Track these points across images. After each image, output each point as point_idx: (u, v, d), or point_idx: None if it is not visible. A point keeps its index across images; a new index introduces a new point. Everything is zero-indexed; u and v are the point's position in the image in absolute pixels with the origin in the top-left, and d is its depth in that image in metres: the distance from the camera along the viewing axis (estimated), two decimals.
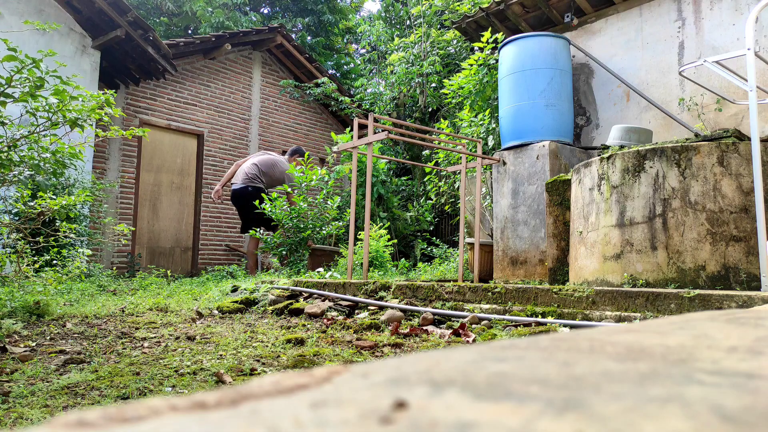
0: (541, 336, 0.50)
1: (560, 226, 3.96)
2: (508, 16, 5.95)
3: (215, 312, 3.15)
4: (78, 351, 2.01)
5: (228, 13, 14.12)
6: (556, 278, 3.95)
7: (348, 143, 4.32)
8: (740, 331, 0.56)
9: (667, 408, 0.27)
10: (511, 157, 5.07)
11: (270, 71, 10.22)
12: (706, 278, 2.79)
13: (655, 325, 0.60)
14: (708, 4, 4.86)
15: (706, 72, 4.62)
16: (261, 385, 0.32)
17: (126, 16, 6.83)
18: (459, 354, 0.40)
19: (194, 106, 9.01)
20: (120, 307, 3.27)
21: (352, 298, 3.38)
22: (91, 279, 5.62)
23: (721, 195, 2.86)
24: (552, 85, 4.99)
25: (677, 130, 4.93)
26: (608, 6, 5.50)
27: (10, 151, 2.82)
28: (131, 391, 1.40)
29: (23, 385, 1.50)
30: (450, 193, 7.00)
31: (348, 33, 16.47)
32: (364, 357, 1.88)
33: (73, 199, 3.16)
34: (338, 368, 0.36)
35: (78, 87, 2.87)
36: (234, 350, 1.97)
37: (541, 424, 0.24)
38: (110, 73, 7.70)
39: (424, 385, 0.31)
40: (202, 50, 8.96)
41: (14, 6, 6.30)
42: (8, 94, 2.65)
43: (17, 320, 2.57)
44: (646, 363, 0.38)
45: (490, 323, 2.69)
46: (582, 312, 2.70)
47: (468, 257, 5.44)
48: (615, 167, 3.22)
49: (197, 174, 9.06)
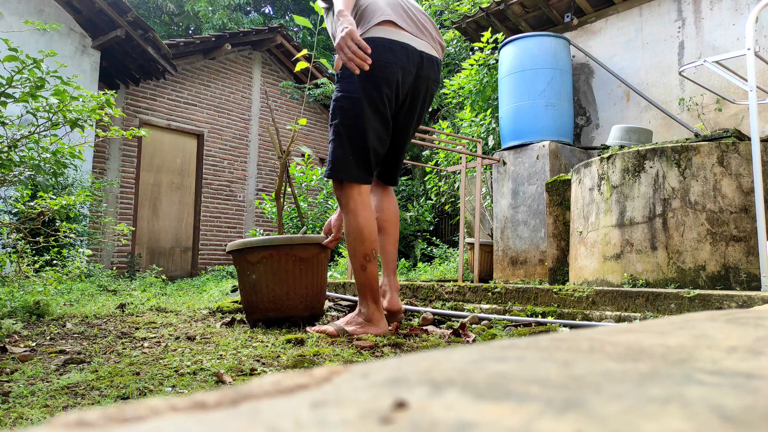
0: (541, 336, 0.50)
1: (560, 226, 3.96)
2: (508, 16, 5.95)
3: (215, 312, 3.16)
4: (78, 351, 2.01)
5: (230, 13, 14.12)
6: (556, 278, 3.95)
7: None
8: (740, 331, 0.56)
9: (667, 408, 0.27)
10: (511, 157, 5.08)
11: (270, 71, 10.22)
12: (706, 278, 2.79)
13: (655, 325, 0.60)
14: (708, 4, 4.86)
15: (706, 72, 4.62)
16: (261, 385, 0.32)
17: (126, 16, 6.84)
18: (459, 354, 0.40)
19: (194, 106, 9.01)
20: (120, 307, 3.27)
21: (352, 298, 3.38)
22: (91, 279, 5.62)
23: (721, 195, 2.86)
24: (552, 85, 4.99)
25: (677, 130, 4.93)
26: (608, 6, 5.50)
27: (10, 151, 2.82)
28: (131, 391, 1.40)
29: (23, 385, 1.50)
30: (450, 193, 7.00)
31: None
32: (364, 357, 1.88)
33: (73, 199, 3.16)
34: (338, 368, 0.36)
35: (78, 87, 2.88)
36: (234, 350, 1.97)
37: (541, 424, 0.24)
38: (110, 73, 7.70)
39: (424, 385, 0.31)
40: (202, 50, 8.96)
41: (14, 6, 6.30)
42: (9, 94, 2.65)
43: (17, 320, 2.58)
44: (646, 363, 0.38)
45: (490, 323, 2.69)
46: (582, 312, 2.70)
47: (468, 257, 5.44)
48: (615, 167, 3.22)
49: (197, 174, 9.06)
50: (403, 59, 2.15)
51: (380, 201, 2.54)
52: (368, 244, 2.22)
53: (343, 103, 2.18)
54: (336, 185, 2.27)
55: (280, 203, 3.06)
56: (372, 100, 2.14)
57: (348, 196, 2.22)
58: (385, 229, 2.53)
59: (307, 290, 2.60)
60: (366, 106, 2.14)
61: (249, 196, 9.62)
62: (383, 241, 2.53)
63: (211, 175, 9.15)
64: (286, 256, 2.54)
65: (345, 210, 2.24)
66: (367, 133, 2.17)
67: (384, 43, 2.12)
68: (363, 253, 2.22)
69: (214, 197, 9.16)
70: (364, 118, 2.14)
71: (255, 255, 2.56)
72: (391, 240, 2.53)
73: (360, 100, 2.13)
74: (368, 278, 2.25)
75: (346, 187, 2.22)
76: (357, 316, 2.33)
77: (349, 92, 2.16)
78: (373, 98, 2.14)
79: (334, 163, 2.21)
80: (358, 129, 2.16)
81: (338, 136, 2.19)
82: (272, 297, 2.54)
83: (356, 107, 2.14)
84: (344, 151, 2.18)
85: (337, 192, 2.27)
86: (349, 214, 2.22)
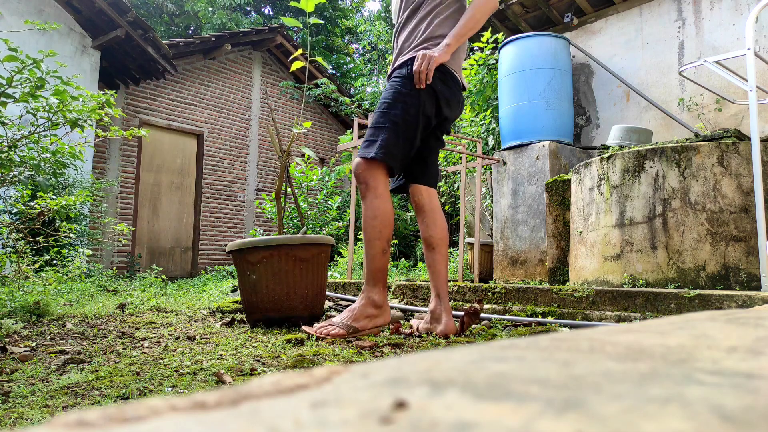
0: (541, 336, 0.50)
1: (560, 226, 3.96)
2: (508, 16, 5.95)
3: (215, 312, 3.16)
4: (78, 351, 2.01)
5: (230, 14, 14.12)
6: (556, 278, 3.95)
7: (348, 143, 4.32)
8: (740, 331, 0.56)
9: (667, 408, 0.27)
10: (511, 157, 5.08)
11: (270, 71, 10.22)
12: (706, 278, 2.79)
13: (655, 325, 0.60)
14: (708, 4, 4.86)
15: (706, 72, 4.62)
16: (261, 385, 0.32)
17: (126, 16, 6.83)
18: (459, 354, 0.40)
19: (194, 106, 9.01)
20: (120, 307, 3.27)
21: (353, 298, 3.38)
22: (91, 279, 5.62)
23: (721, 195, 2.86)
24: (552, 85, 4.99)
25: (677, 130, 4.93)
26: (608, 6, 5.50)
27: (10, 151, 2.82)
28: (131, 391, 1.40)
29: (23, 385, 1.50)
30: (450, 193, 7.00)
31: (348, 33, 16.47)
32: (364, 357, 1.88)
33: (73, 199, 3.16)
34: (338, 368, 0.36)
35: (78, 87, 2.87)
36: (234, 350, 1.97)
37: (541, 424, 0.24)
38: (110, 73, 7.70)
39: (424, 385, 0.31)
40: (202, 50, 8.96)
41: (14, 6, 6.30)
42: (9, 94, 2.65)
43: (17, 320, 2.58)
44: (646, 363, 0.38)
45: (490, 323, 2.69)
46: (582, 312, 2.70)
47: (468, 257, 5.44)
48: (615, 167, 3.22)
49: (197, 174, 9.06)
50: (458, 93, 2.47)
51: (432, 216, 2.48)
52: (391, 229, 2.31)
53: (406, 99, 2.33)
54: (367, 169, 2.30)
55: (280, 203, 3.06)
56: (425, 109, 2.35)
57: (380, 181, 2.30)
58: (438, 248, 2.43)
59: (307, 290, 2.60)
60: (420, 111, 2.35)
61: (249, 196, 9.62)
62: (436, 261, 2.43)
63: (211, 175, 9.15)
64: (286, 257, 2.54)
65: (373, 194, 2.30)
66: (416, 132, 2.35)
67: (455, 84, 2.45)
68: (387, 237, 2.29)
69: (214, 197, 9.16)
70: (419, 119, 2.34)
71: (255, 255, 2.56)
72: (443, 260, 2.44)
73: (420, 104, 2.33)
74: (386, 263, 2.31)
75: (380, 174, 2.30)
76: (365, 306, 2.28)
77: (411, 91, 2.34)
78: (426, 108, 2.35)
79: (387, 148, 2.27)
80: (412, 125, 2.33)
81: (395, 125, 2.30)
82: (272, 297, 2.54)
83: (417, 106, 2.33)
84: (397, 140, 2.29)
85: (367, 177, 2.31)
86: (378, 198, 2.29)
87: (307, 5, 2.72)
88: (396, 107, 2.31)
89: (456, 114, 2.49)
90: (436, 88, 2.32)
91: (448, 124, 2.53)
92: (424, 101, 2.32)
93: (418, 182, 2.51)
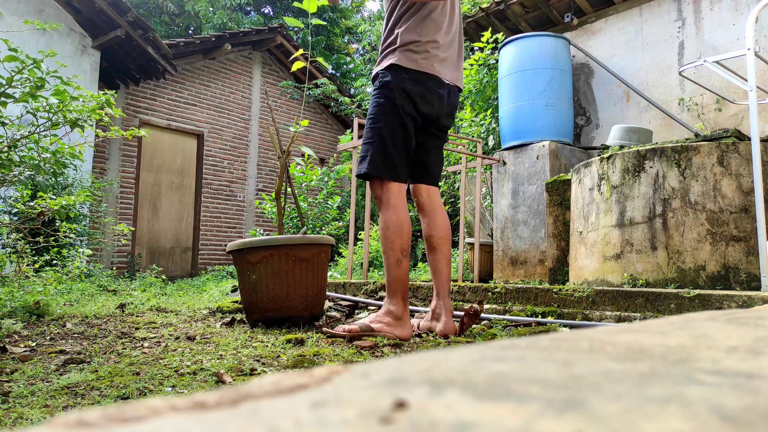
0: (541, 336, 0.50)
1: (560, 226, 3.96)
2: (508, 16, 5.95)
3: (215, 312, 3.16)
4: (78, 351, 2.01)
5: (230, 13, 14.12)
6: (556, 278, 3.95)
7: (348, 143, 4.32)
8: (740, 331, 0.56)
9: (667, 408, 0.27)
10: (511, 157, 5.08)
11: (270, 71, 10.22)
12: (706, 278, 2.79)
13: (655, 325, 0.60)
14: (708, 4, 4.86)
15: (706, 72, 4.62)
16: (261, 385, 0.32)
17: (126, 16, 6.83)
18: (459, 354, 0.40)
19: (194, 106, 9.00)
20: (120, 307, 3.27)
21: (352, 298, 3.38)
22: (91, 279, 5.62)
23: (721, 195, 2.86)
24: (552, 85, 4.99)
25: (677, 130, 4.93)
26: (608, 6, 5.50)
27: (10, 151, 2.82)
28: (131, 391, 1.40)
29: (23, 385, 1.50)
30: (450, 193, 7.00)
31: (348, 33, 16.47)
32: (364, 357, 1.88)
33: (72, 199, 3.16)
34: (338, 368, 0.36)
35: (78, 87, 2.87)
36: (234, 350, 1.97)
37: (541, 424, 0.24)
38: (110, 73, 7.70)
39: (424, 385, 0.31)
40: (202, 50, 8.96)
41: (14, 6, 6.30)
42: (9, 94, 2.65)
43: (17, 320, 2.58)
44: (646, 363, 0.38)
45: (490, 323, 2.69)
46: (582, 312, 2.70)
47: (468, 257, 5.44)
48: (615, 167, 3.22)
49: (197, 174, 9.06)
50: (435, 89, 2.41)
51: (432, 216, 2.49)
52: (406, 239, 2.29)
53: (385, 109, 2.34)
54: (376, 183, 2.34)
55: (280, 203, 3.06)
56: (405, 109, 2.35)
57: (389, 192, 2.31)
58: (439, 247, 2.45)
59: (307, 290, 2.60)
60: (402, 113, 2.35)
61: (249, 196, 9.62)
62: (437, 260, 2.44)
63: (211, 175, 9.15)
64: (287, 257, 2.54)
65: (385, 206, 2.31)
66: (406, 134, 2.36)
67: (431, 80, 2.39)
68: (401, 247, 2.27)
69: (214, 197, 9.15)
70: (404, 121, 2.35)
71: (255, 255, 2.56)
72: (444, 259, 2.45)
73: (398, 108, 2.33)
74: (402, 274, 2.28)
75: (386, 184, 2.31)
76: (385, 315, 2.27)
77: (387, 101, 2.34)
78: (406, 108, 2.35)
79: (374, 162, 2.30)
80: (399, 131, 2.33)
81: (381, 139, 2.32)
82: (272, 297, 2.54)
83: (396, 113, 2.33)
84: (386, 151, 2.30)
85: (376, 190, 2.34)
86: (390, 209, 2.30)
87: (310, 6, 2.73)
88: (378, 120, 2.34)
89: (437, 109, 2.43)
90: (407, 88, 2.32)
91: (441, 121, 2.50)
92: (401, 104, 2.33)
93: (419, 182, 2.52)
